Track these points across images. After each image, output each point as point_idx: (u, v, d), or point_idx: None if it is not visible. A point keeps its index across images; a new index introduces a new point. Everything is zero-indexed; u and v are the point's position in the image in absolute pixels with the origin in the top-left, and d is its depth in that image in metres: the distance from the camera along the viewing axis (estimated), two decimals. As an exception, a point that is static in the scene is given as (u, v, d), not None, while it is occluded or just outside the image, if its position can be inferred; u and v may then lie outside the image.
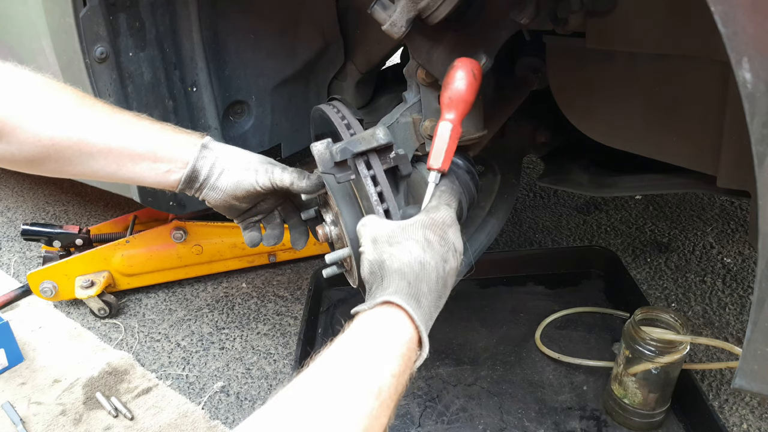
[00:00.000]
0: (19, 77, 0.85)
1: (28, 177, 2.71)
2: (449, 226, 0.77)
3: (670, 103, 0.96)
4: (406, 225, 0.75)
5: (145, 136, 0.90)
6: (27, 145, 0.83)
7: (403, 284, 0.69)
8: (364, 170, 0.78)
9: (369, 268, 0.73)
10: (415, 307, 0.68)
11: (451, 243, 0.76)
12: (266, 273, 1.90)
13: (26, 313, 1.77)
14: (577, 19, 0.91)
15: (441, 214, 0.77)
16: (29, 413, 1.40)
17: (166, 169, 0.90)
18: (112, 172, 0.90)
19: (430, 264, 0.72)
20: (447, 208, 0.79)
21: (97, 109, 0.88)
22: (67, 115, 0.86)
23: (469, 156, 1.07)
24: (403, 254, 0.72)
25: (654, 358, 1.09)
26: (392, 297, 0.67)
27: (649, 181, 1.20)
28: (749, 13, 0.49)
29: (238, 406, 1.40)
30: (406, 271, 0.71)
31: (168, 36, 1.20)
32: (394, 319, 0.67)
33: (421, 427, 1.24)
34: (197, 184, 0.92)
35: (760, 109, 0.52)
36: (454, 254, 0.76)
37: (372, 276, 0.73)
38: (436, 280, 0.72)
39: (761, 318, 0.59)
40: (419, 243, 0.73)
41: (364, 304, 0.69)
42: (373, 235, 0.75)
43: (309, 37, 1.42)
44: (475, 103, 0.99)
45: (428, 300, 0.70)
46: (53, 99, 0.86)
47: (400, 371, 0.64)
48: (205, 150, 0.92)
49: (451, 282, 0.76)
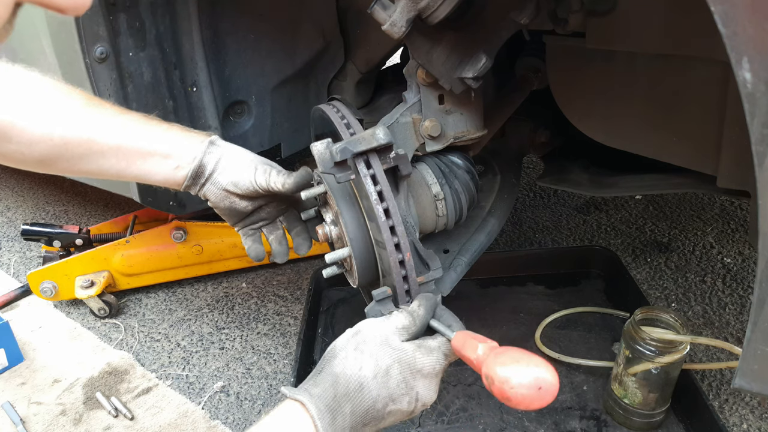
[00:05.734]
0: (28, 79, 0.86)
1: (28, 177, 2.71)
2: (424, 376, 0.74)
3: (670, 103, 0.96)
4: (387, 342, 0.73)
5: (155, 134, 0.91)
6: (38, 145, 0.85)
7: (329, 393, 0.70)
8: (364, 170, 0.78)
9: (329, 349, 0.75)
10: (328, 422, 0.68)
11: (414, 391, 0.73)
12: (266, 273, 1.90)
13: (26, 313, 1.77)
14: (577, 19, 0.92)
15: (425, 361, 0.74)
16: (29, 413, 1.40)
17: (175, 165, 0.91)
18: (122, 170, 0.91)
19: (370, 392, 0.70)
20: (442, 358, 0.75)
21: (106, 109, 0.90)
22: (78, 115, 0.87)
23: (469, 156, 1.08)
24: (353, 366, 0.72)
25: (654, 358, 1.09)
26: (310, 403, 0.68)
27: (649, 181, 1.20)
28: (749, 13, 0.49)
29: (238, 406, 1.40)
30: (340, 382, 0.71)
31: (168, 36, 1.20)
32: (302, 429, 0.67)
33: (421, 427, 1.24)
34: (202, 179, 0.93)
35: (760, 109, 0.52)
36: (411, 401, 0.73)
37: (325, 356, 0.75)
38: (367, 410, 0.70)
39: (761, 318, 0.59)
40: (376, 368, 0.71)
41: (289, 390, 0.71)
42: (361, 329, 0.76)
43: (309, 37, 1.42)
44: (475, 103, 0.99)
45: (345, 421, 0.69)
46: (63, 99, 0.87)
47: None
48: (212, 146, 0.93)
49: (390, 421, 0.74)
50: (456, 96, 0.95)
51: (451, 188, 0.99)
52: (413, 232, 0.91)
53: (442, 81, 0.90)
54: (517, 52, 1.32)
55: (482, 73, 0.88)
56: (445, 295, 1.02)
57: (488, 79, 1.01)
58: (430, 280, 0.87)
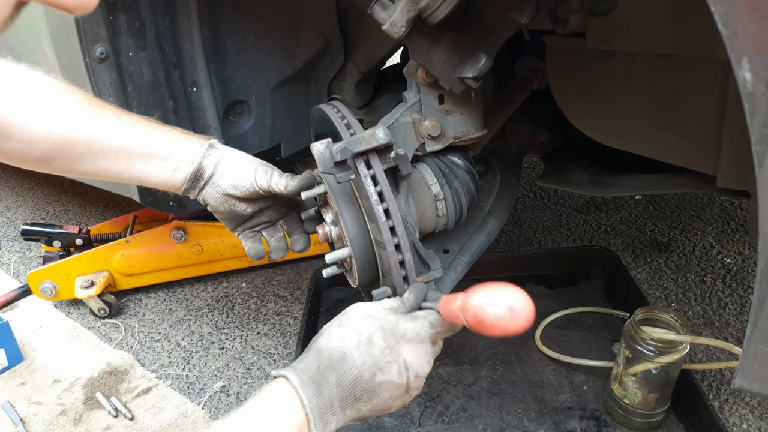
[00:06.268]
0: (31, 78, 0.87)
1: (28, 177, 2.71)
2: (408, 341, 0.72)
3: (670, 103, 0.96)
4: (371, 315, 0.73)
5: (155, 136, 0.92)
6: (39, 143, 0.85)
7: (313, 365, 0.70)
8: (364, 170, 0.78)
9: (318, 332, 0.76)
10: (312, 393, 0.68)
11: (401, 358, 0.72)
12: (266, 273, 1.90)
13: (26, 313, 1.77)
14: (577, 19, 0.92)
15: (408, 326, 0.73)
16: (29, 413, 1.40)
17: (174, 167, 0.91)
18: (121, 171, 0.91)
19: (354, 361, 0.70)
20: (427, 325, 0.74)
21: (107, 111, 0.90)
22: (80, 114, 0.87)
23: (469, 156, 1.08)
24: (336, 339, 0.72)
25: (654, 358, 1.09)
26: (293, 375, 0.69)
27: (649, 181, 1.20)
28: (749, 13, 0.49)
29: (238, 406, 1.39)
30: (323, 354, 0.71)
31: (168, 36, 1.20)
32: (287, 402, 0.68)
33: (421, 427, 1.24)
34: (201, 182, 0.93)
35: (760, 109, 0.52)
36: (400, 370, 0.72)
37: (313, 339, 0.76)
38: (354, 381, 0.69)
39: (761, 318, 0.59)
40: (358, 337, 0.71)
41: (276, 370, 0.72)
42: (346, 310, 0.77)
43: (309, 37, 1.42)
44: (475, 103, 0.99)
45: (332, 393, 0.69)
46: (65, 99, 0.88)
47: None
48: (211, 149, 0.93)
49: (385, 397, 0.72)
50: (456, 96, 0.95)
51: (451, 188, 0.99)
52: (413, 232, 0.91)
53: (442, 81, 0.90)
54: (517, 52, 1.32)
55: (482, 73, 0.88)
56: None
57: (488, 79, 1.01)
58: (430, 280, 0.87)
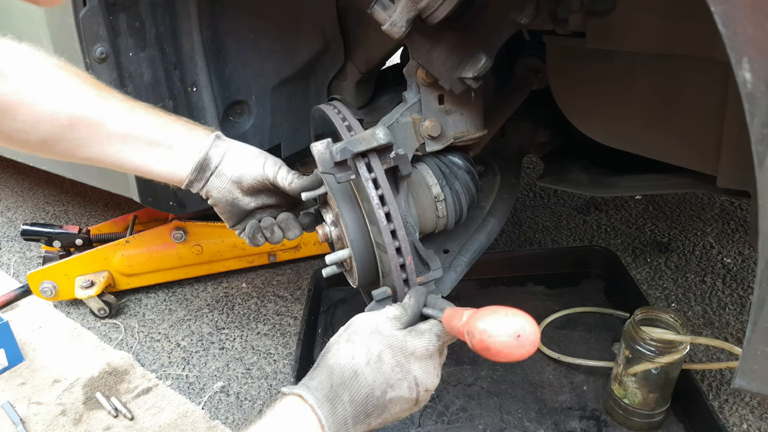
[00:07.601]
0: (36, 56, 0.84)
1: (28, 177, 2.71)
2: (418, 358, 0.72)
3: (670, 103, 0.96)
4: (377, 330, 0.73)
5: (162, 124, 0.90)
6: (44, 124, 0.82)
7: (326, 384, 0.70)
8: (365, 173, 0.78)
9: (325, 347, 0.76)
10: (328, 411, 0.68)
11: (411, 375, 0.72)
12: (266, 273, 1.90)
13: (26, 313, 1.77)
14: (577, 19, 0.92)
15: (416, 343, 0.73)
16: (29, 413, 1.40)
17: (180, 156, 0.90)
18: (123, 158, 0.88)
19: (365, 379, 0.70)
20: (434, 339, 0.73)
21: (114, 95, 0.88)
22: (87, 97, 0.85)
23: (469, 156, 1.08)
24: (345, 356, 0.72)
25: (654, 358, 1.09)
26: (308, 394, 0.69)
27: (649, 181, 1.20)
28: (749, 13, 0.49)
29: (238, 406, 1.40)
30: (335, 372, 0.71)
31: (168, 36, 1.20)
32: (305, 421, 0.68)
33: (421, 427, 1.24)
34: (207, 173, 0.92)
35: (760, 109, 0.52)
36: (410, 387, 0.72)
37: (321, 354, 0.75)
38: (366, 398, 0.70)
39: (761, 318, 0.59)
40: (368, 355, 0.71)
41: (288, 388, 0.71)
42: (352, 322, 0.76)
43: (309, 37, 1.42)
44: (475, 103, 0.99)
45: (346, 410, 0.69)
46: (71, 80, 0.85)
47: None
48: (218, 140, 0.93)
49: (395, 411, 0.72)
50: (456, 96, 0.95)
51: (451, 189, 0.99)
52: (413, 232, 0.92)
53: (442, 81, 0.90)
54: (517, 52, 1.32)
55: (482, 73, 0.88)
56: (445, 295, 1.02)
57: (488, 79, 1.01)
58: (430, 280, 0.87)
